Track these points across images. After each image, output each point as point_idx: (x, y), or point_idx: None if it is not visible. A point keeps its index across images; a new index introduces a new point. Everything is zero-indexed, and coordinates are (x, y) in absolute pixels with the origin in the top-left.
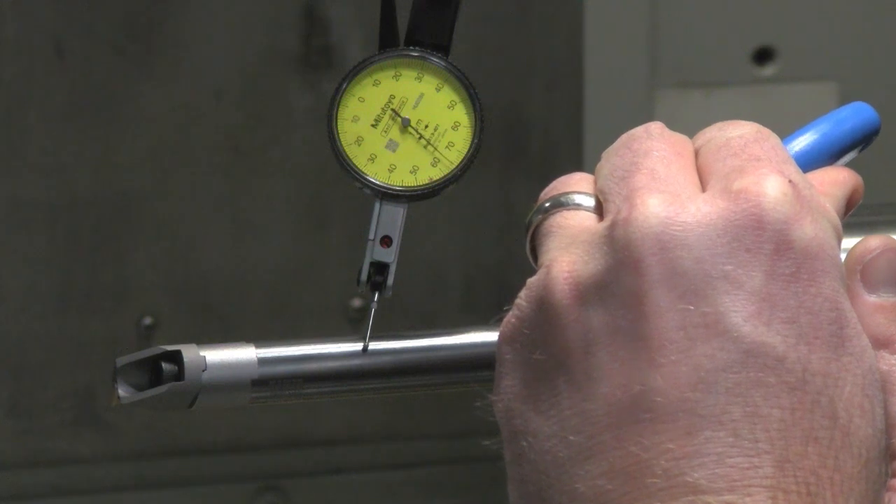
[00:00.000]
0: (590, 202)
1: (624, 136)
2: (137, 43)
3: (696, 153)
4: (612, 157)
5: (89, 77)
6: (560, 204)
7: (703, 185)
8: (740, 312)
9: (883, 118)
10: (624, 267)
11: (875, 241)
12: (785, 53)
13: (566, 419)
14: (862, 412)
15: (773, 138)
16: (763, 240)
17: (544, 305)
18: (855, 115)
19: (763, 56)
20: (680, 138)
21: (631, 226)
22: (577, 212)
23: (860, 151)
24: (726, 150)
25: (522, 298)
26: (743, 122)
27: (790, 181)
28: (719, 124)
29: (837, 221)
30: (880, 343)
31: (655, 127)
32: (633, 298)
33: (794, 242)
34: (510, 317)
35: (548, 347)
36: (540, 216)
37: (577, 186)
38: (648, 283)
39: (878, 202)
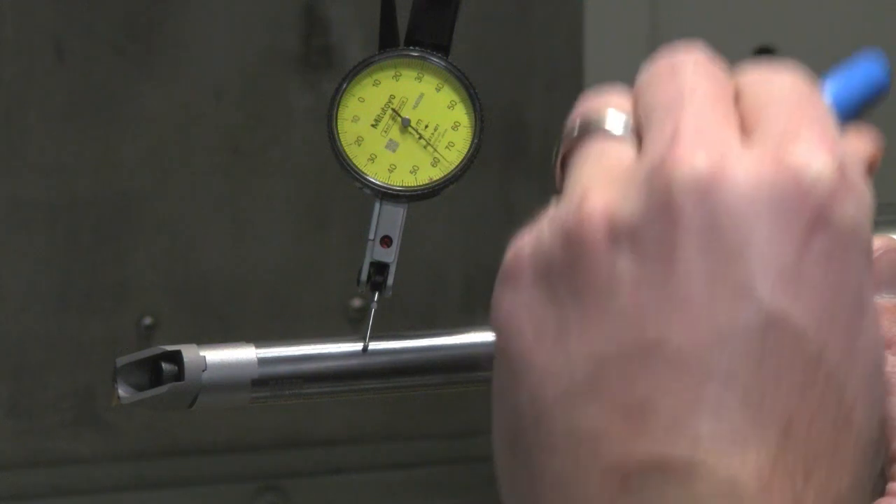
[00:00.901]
0: (628, 127)
1: (666, 60)
2: (137, 43)
3: (738, 93)
4: (655, 83)
5: (89, 77)
6: (596, 127)
7: (746, 133)
8: (770, 281)
9: (883, 118)
10: (661, 217)
11: (877, 243)
12: (785, 53)
13: (572, 354)
14: (864, 403)
15: (820, 97)
16: (804, 215)
17: (572, 240)
18: (865, 70)
19: (763, 56)
20: (722, 76)
21: (674, 176)
22: (614, 140)
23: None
24: (778, 105)
25: (545, 226)
26: (789, 71)
27: (841, 159)
28: (763, 68)
29: (873, 205)
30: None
31: (701, 57)
32: (665, 250)
33: (834, 223)
34: (528, 239)
35: (566, 281)
36: (572, 140)
37: (615, 105)
38: (684, 239)
39: (877, 202)
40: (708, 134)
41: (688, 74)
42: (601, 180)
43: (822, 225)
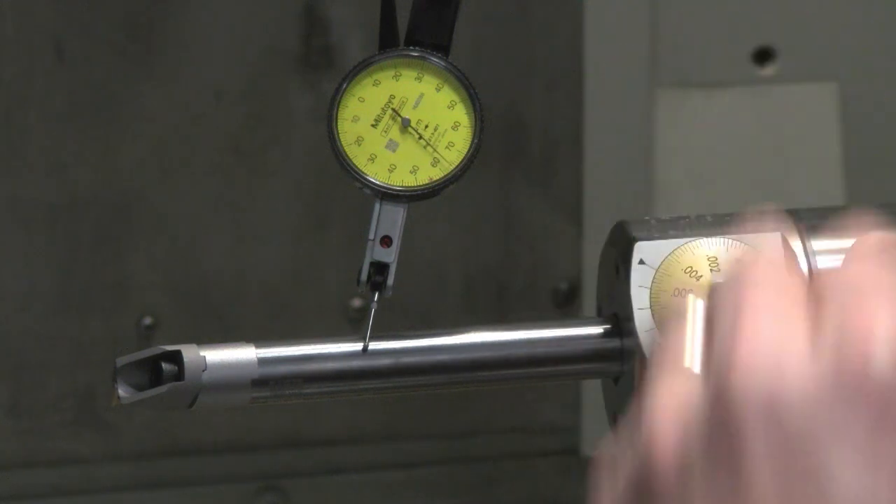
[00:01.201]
0: (697, 345)
1: (735, 263)
2: (137, 43)
3: (812, 283)
4: (721, 288)
5: (89, 77)
6: (667, 348)
7: (815, 326)
8: (844, 479)
9: (883, 118)
10: (724, 432)
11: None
12: (785, 53)
13: None
14: None
15: (889, 277)
16: (870, 405)
17: (642, 492)
18: None
19: (763, 56)
20: (790, 281)
21: (733, 402)
22: (683, 360)
23: None
24: (844, 290)
25: (621, 470)
26: (863, 255)
27: None
28: (841, 262)
29: None
30: None
31: (768, 265)
32: (732, 464)
33: None
34: (607, 484)
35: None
36: (647, 356)
37: (686, 319)
38: (749, 452)
39: (878, 202)
40: (765, 344)
41: (748, 288)
42: (669, 414)
43: (891, 413)
